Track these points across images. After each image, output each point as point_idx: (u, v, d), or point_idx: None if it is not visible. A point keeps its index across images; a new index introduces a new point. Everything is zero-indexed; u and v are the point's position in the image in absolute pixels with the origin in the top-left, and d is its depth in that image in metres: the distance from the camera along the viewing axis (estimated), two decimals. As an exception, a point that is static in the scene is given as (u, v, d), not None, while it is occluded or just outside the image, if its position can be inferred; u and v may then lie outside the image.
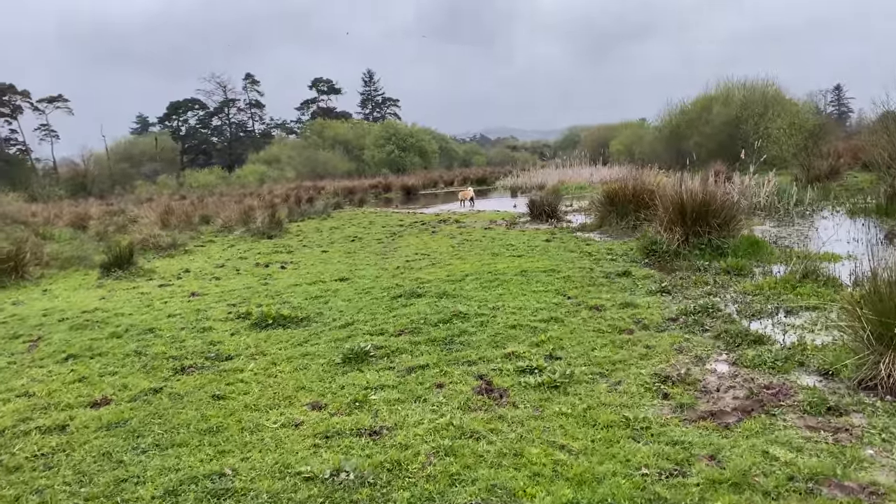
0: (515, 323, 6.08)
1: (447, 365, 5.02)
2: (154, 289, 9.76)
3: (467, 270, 9.17)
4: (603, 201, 14.30)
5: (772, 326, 5.80)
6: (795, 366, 4.68)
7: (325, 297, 8.06)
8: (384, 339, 5.88)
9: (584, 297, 7.17)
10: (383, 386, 4.65)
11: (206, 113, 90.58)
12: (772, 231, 12.31)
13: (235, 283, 9.83)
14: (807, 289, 6.89)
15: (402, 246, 13.34)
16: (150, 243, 14.99)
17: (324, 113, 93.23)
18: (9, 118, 74.28)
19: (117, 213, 28.87)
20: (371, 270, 10.15)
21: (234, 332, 6.65)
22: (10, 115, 74.45)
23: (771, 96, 37.18)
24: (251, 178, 65.77)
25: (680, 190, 10.05)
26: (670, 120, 43.19)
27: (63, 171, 75.26)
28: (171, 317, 7.55)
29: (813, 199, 16.68)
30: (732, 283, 7.64)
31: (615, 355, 5.07)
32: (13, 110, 74.62)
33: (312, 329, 6.50)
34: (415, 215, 21.91)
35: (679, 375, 4.56)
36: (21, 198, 45.61)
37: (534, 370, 4.73)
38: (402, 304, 7.28)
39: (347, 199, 35.43)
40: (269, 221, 17.57)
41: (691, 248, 9.63)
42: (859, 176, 25.88)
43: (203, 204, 32.15)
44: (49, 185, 59.68)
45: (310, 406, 4.38)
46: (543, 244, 11.80)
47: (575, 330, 5.81)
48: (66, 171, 75.24)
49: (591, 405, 4.10)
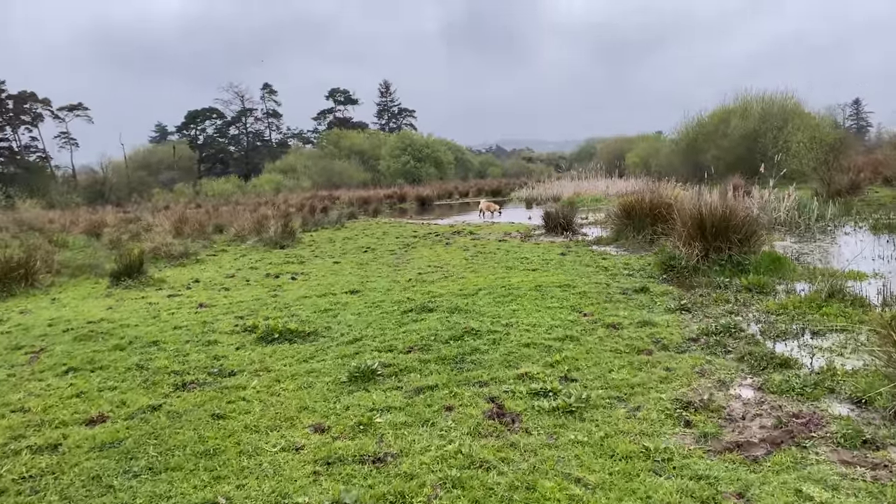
0: (529, 341, 5.85)
1: (457, 386, 4.80)
2: (162, 299, 9.62)
3: (480, 284, 8.96)
4: (619, 214, 14.05)
5: (798, 349, 5.54)
6: (825, 392, 4.41)
7: (335, 311, 7.87)
8: (393, 356, 5.68)
9: (600, 314, 6.93)
10: (390, 408, 4.44)
11: (224, 122, 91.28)
12: (793, 247, 12.00)
13: (245, 294, 9.67)
14: (833, 309, 6.60)
15: (415, 258, 13.16)
16: (161, 252, 14.90)
17: (340, 123, 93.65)
18: (29, 126, 75.22)
19: (133, 221, 28.97)
20: (382, 283, 9.96)
21: (239, 346, 6.47)
22: (31, 122, 75.38)
23: (790, 109, 36.78)
24: (267, 187, 66.01)
25: (699, 204, 9.79)
26: (687, 133, 42.87)
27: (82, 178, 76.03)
28: (177, 329, 7.39)
29: (834, 214, 16.33)
30: (754, 302, 7.37)
31: (633, 378, 4.84)
32: (34, 118, 75.53)
33: (320, 344, 6.31)
34: (429, 226, 21.75)
35: (702, 401, 4.31)
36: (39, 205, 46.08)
37: (548, 393, 4.50)
38: (413, 318, 7.08)
39: (362, 209, 35.35)
40: (282, 231, 17.45)
41: (711, 263, 9.35)
42: (881, 191, 25.45)
43: (218, 213, 32.19)
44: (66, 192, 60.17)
45: (312, 428, 4.18)
46: (558, 258, 11.56)
47: (591, 349, 5.58)
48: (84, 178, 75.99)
49: (609, 433, 3.86)
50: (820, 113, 39.36)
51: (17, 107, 73.02)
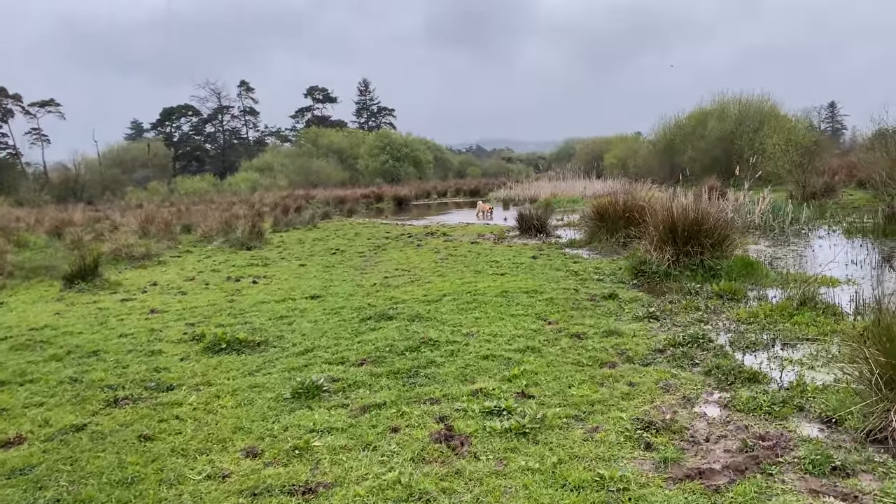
0: (488, 353, 5.56)
1: (407, 403, 4.49)
2: (115, 304, 9.20)
3: (446, 290, 8.66)
4: (592, 217, 13.83)
5: (767, 361, 5.30)
6: (794, 411, 4.17)
7: (291, 318, 7.53)
8: (343, 369, 5.36)
9: (565, 322, 6.66)
10: (331, 428, 4.12)
11: (200, 119, 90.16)
12: (767, 251, 11.84)
13: (201, 298, 9.28)
14: (805, 317, 6.39)
15: (384, 260, 12.83)
16: (122, 253, 14.41)
17: (318, 121, 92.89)
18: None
19: (101, 220, 28.30)
20: (346, 287, 9.62)
21: (184, 356, 6.11)
22: (1, 118, 73.79)
23: (766, 111, 36.91)
24: (243, 185, 65.18)
25: (671, 207, 9.57)
26: (665, 134, 42.92)
27: (54, 175, 74.54)
28: (123, 337, 7.01)
29: (809, 217, 16.26)
30: (725, 309, 7.15)
31: (594, 394, 4.56)
32: (4, 114, 74.03)
33: (268, 355, 5.97)
34: (403, 227, 21.42)
35: (664, 421, 4.04)
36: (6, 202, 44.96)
37: (502, 412, 4.21)
38: (371, 327, 6.76)
39: (338, 208, 34.90)
40: (250, 232, 17.02)
41: (682, 268, 9.14)
42: (855, 194, 25.55)
43: (189, 212, 31.59)
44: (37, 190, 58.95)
45: (244, 452, 3.85)
46: (529, 261, 11.30)
47: (552, 362, 5.30)
48: (56, 175, 74.52)
49: (563, 458, 3.58)
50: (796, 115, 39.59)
51: (-14, 102, 71.44)
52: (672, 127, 42.44)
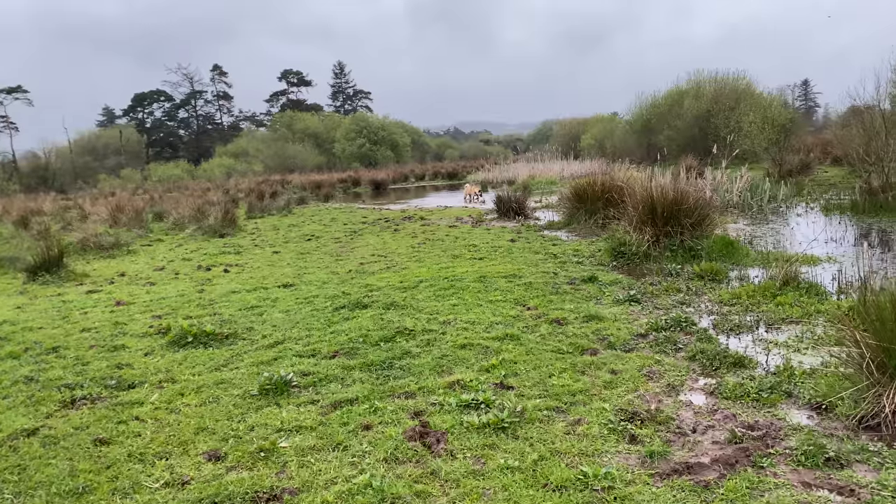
0: (466, 341, 5.35)
1: (380, 398, 4.27)
2: (80, 296, 8.86)
3: (423, 276, 8.44)
4: (571, 198, 13.66)
5: (752, 344, 5.16)
6: (783, 397, 4.02)
7: (262, 308, 7.26)
8: (314, 362, 5.12)
9: (545, 307, 6.47)
10: (300, 427, 3.89)
11: (173, 105, 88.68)
12: (746, 230, 11.76)
13: (170, 289, 8.97)
14: (788, 298, 6.27)
15: (360, 246, 12.57)
16: (91, 243, 13.98)
17: (294, 105, 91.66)
18: (-36, 109, 71.66)
19: (71, 209, 27.63)
20: (320, 274, 9.36)
21: (148, 351, 5.83)
22: (-34, 106, 71.83)
23: (742, 90, 36.97)
24: (217, 171, 64.23)
25: (650, 187, 9.40)
26: (641, 113, 42.88)
27: (24, 164, 72.93)
28: (85, 331, 6.70)
29: (786, 195, 16.24)
30: (707, 290, 7.01)
31: (576, 383, 4.37)
32: (-31, 101, 71.97)
33: (237, 349, 5.71)
34: (380, 211, 21.12)
35: (649, 411, 3.87)
36: (-27, 192, 43.84)
37: (480, 405, 4.01)
38: (345, 316, 6.52)
39: (314, 193, 34.46)
40: (223, 219, 16.63)
41: (662, 249, 9.00)
42: (830, 171, 25.70)
43: (162, 199, 30.98)
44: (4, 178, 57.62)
45: (206, 455, 3.61)
46: (507, 244, 11.10)
47: (532, 350, 5.11)
48: (26, 164, 72.92)
49: (544, 454, 3.39)
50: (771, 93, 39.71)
51: (-50, 89, 69.45)
52: (648, 107, 42.39)
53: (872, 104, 17.08)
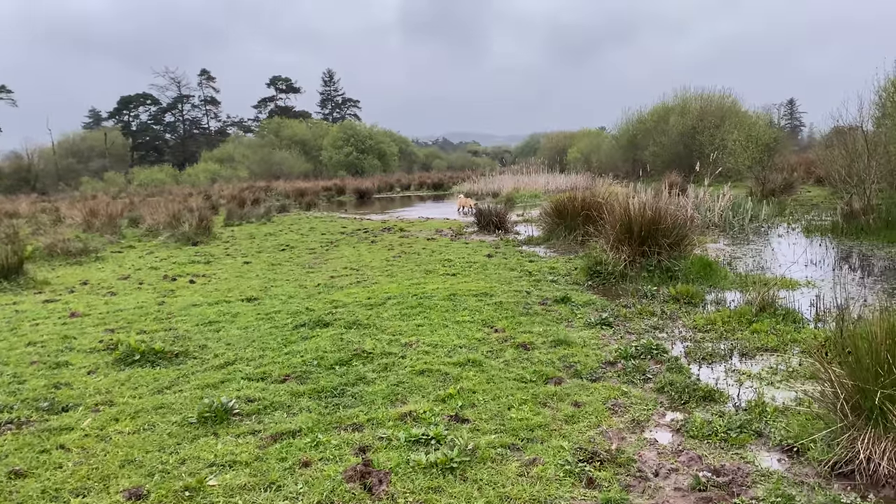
0: (425, 367, 5.08)
1: (325, 430, 3.99)
2: (35, 306, 8.51)
3: (392, 292, 8.16)
4: (551, 213, 13.44)
5: (724, 375, 4.93)
6: (753, 437, 3.78)
7: (220, 324, 6.96)
8: (263, 386, 4.83)
9: (513, 329, 6.22)
10: (234, 462, 3.60)
11: (159, 108, 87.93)
12: (726, 250, 11.58)
13: (130, 300, 8.63)
14: (764, 325, 6.06)
15: (334, 258, 12.28)
16: (58, 248, 13.60)
17: (282, 112, 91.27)
18: (-54, 108, 70.65)
19: (47, 212, 27.13)
20: (288, 288, 9.07)
21: (92, 369, 5.52)
22: (-52, 104, 70.84)
23: (727, 108, 37.06)
24: (202, 176, 63.73)
25: (627, 205, 9.19)
26: (627, 129, 42.91)
27: (5, 165, 71.98)
28: (31, 345, 6.37)
29: (768, 214, 16.11)
30: (682, 315, 6.79)
31: (535, 416, 4.12)
32: (-49, 100, 71.01)
33: (185, 368, 5.41)
34: (361, 222, 20.83)
35: (609, 451, 3.62)
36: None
37: (430, 441, 3.74)
38: (303, 335, 6.22)
39: (297, 201, 34.06)
40: (197, 226, 16.27)
41: (639, 269, 8.79)
42: (813, 190, 25.68)
43: (144, 203, 30.50)
44: (-17, 179, 56.79)
45: (127, 494, 3.31)
46: (483, 260, 10.85)
47: (493, 378, 4.84)
48: (8, 165, 71.98)
49: (492, 500, 3.12)
50: (756, 112, 39.86)
51: (-69, 87, 68.50)
52: (634, 122, 42.43)
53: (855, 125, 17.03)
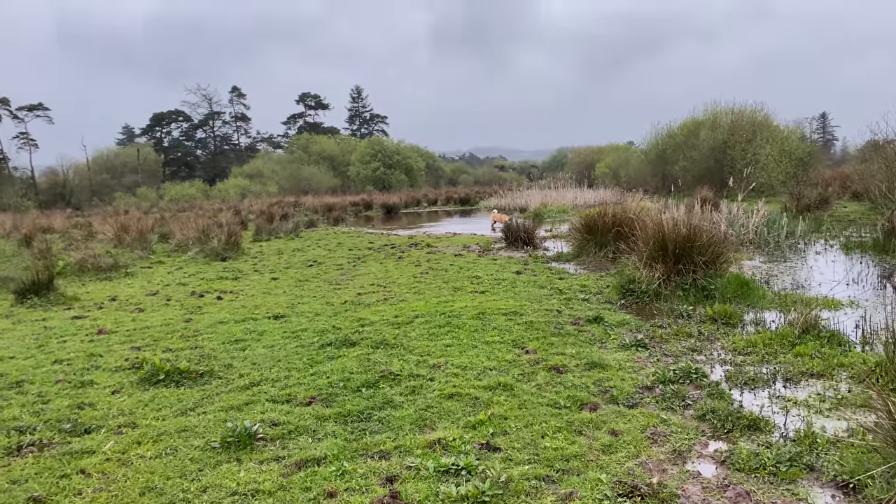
0: (454, 391, 4.92)
1: (351, 458, 3.84)
2: (64, 322, 8.53)
3: (419, 310, 8.02)
4: (580, 229, 13.22)
5: (769, 402, 4.68)
6: (804, 472, 3.55)
7: (246, 342, 6.87)
8: (287, 409, 4.71)
9: (544, 351, 6.03)
10: (257, 491, 3.47)
11: (191, 125, 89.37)
12: (762, 267, 11.25)
13: (157, 317, 8.60)
14: (808, 348, 5.79)
15: (362, 274, 12.18)
16: (88, 264, 13.71)
17: (311, 128, 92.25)
18: (-14, 125, 72.59)
19: (80, 227, 27.54)
20: (315, 305, 8.97)
21: (116, 389, 5.45)
22: (-12, 122, 72.76)
23: (759, 122, 36.48)
24: (232, 192, 64.44)
25: (660, 221, 8.96)
26: (657, 143, 42.44)
27: (42, 181, 73.66)
28: (57, 363, 6.33)
29: (804, 231, 15.69)
30: (720, 336, 6.54)
31: (571, 446, 3.92)
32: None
33: (209, 389, 5.31)
34: (388, 237, 20.77)
35: (650, 485, 3.41)
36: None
37: (460, 471, 3.57)
38: (329, 355, 6.10)
39: (325, 216, 34.23)
40: (226, 242, 16.33)
41: (674, 288, 8.54)
42: (849, 206, 25.07)
43: (174, 219, 30.82)
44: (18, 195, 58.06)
45: (146, 524, 3.20)
46: (512, 277, 10.67)
47: (526, 403, 4.66)
48: (45, 181, 73.65)
49: (527, 538, 2.94)
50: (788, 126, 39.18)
51: (-28, 106, 70.44)
52: (664, 136, 41.97)
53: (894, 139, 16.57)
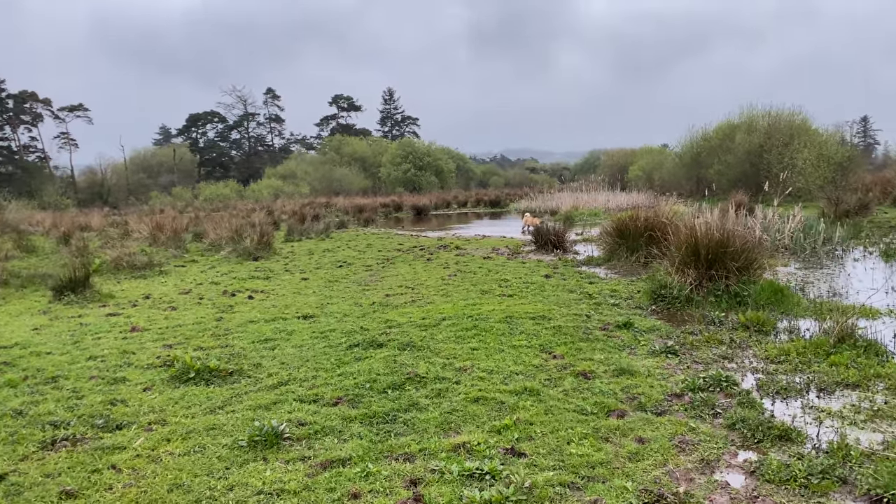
0: (480, 394, 4.91)
1: (376, 459, 3.86)
2: (99, 319, 8.71)
3: (447, 312, 8.02)
4: (612, 233, 13.10)
5: (801, 412, 4.59)
6: (836, 485, 3.47)
7: (276, 341, 6.94)
8: (314, 409, 4.74)
9: (572, 356, 5.98)
10: (282, 491, 3.50)
11: (226, 126, 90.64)
12: (798, 274, 11.03)
13: (189, 315, 8.74)
14: (843, 357, 5.65)
15: (390, 275, 12.23)
16: (124, 262, 13.98)
17: (343, 129, 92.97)
18: (29, 125, 74.64)
19: (117, 226, 28.10)
20: (343, 305, 9.03)
21: (147, 386, 5.54)
22: (31, 122, 74.80)
23: (797, 126, 35.78)
24: (265, 192, 65.19)
25: (693, 226, 8.84)
26: (691, 146, 41.90)
27: (81, 180, 75.41)
28: (91, 359, 6.47)
29: (842, 237, 15.34)
30: (752, 344, 6.42)
31: (597, 453, 3.89)
32: (34, 118, 74.96)
33: (238, 388, 5.37)
34: (417, 238, 20.82)
35: (677, 495, 3.36)
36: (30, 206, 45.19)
37: (484, 476, 3.56)
38: (357, 356, 6.14)
39: (356, 217, 34.46)
40: (258, 242, 16.53)
41: (706, 294, 8.41)
42: (890, 211, 24.46)
43: (209, 218, 31.27)
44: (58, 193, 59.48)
45: (173, 521, 3.25)
46: (541, 280, 10.62)
47: (552, 409, 4.63)
48: (83, 180, 75.40)
49: (550, 545, 2.92)
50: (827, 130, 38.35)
51: (17, 106, 72.44)
52: (699, 139, 41.42)
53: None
